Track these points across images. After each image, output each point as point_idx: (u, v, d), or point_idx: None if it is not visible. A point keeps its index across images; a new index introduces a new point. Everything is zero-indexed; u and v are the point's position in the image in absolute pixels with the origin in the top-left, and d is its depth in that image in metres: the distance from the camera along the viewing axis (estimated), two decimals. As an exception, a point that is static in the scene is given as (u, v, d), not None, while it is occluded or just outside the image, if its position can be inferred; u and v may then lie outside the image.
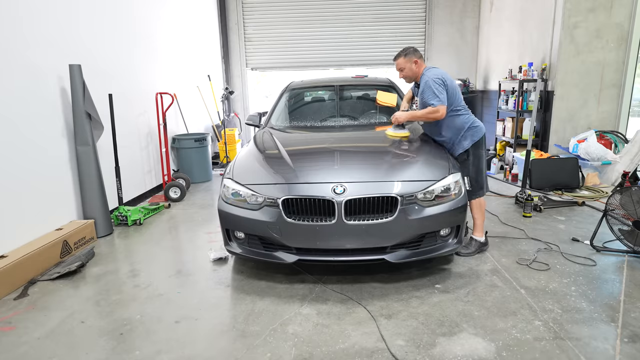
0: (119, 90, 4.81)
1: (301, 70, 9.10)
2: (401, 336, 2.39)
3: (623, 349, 2.24)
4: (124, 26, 5.01)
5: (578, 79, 5.78)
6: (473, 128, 3.40)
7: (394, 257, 2.87)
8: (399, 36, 8.79)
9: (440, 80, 3.30)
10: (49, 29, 3.76)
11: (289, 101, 4.76)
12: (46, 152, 3.70)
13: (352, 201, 2.79)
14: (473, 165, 3.40)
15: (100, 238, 4.08)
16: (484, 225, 3.53)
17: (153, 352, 2.32)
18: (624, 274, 3.08)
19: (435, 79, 3.29)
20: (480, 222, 3.50)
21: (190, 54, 7.15)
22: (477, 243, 3.48)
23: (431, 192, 2.91)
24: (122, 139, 4.80)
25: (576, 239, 3.71)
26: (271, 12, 8.83)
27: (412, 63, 3.44)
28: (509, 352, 2.23)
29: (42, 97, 3.68)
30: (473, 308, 2.67)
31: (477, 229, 3.51)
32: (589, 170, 5.37)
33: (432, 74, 3.33)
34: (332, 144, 3.51)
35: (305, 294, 2.90)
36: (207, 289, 3.03)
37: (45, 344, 2.41)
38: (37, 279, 3.20)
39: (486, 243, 3.54)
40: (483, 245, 3.51)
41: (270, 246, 2.97)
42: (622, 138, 5.69)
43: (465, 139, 3.38)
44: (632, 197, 3.26)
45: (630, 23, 5.56)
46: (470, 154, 3.40)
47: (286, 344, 2.35)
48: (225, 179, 3.19)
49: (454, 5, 8.53)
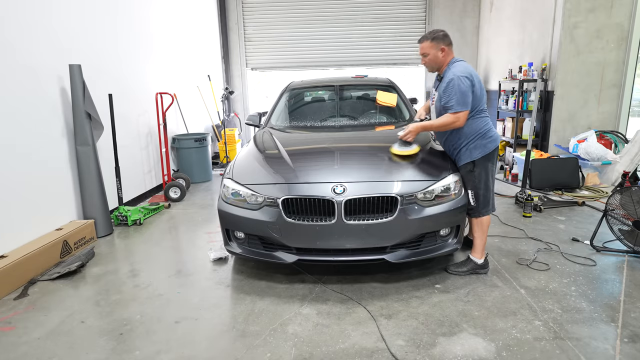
0: (119, 90, 4.81)
1: (301, 70, 9.10)
2: (401, 336, 2.39)
3: (623, 349, 2.24)
4: (124, 26, 5.01)
5: (578, 79, 5.78)
6: (488, 137, 2.97)
7: (393, 257, 2.87)
8: (399, 36, 8.79)
9: (469, 81, 2.86)
10: (49, 29, 3.76)
11: (289, 101, 4.76)
12: (46, 152, 3.70)
13: (352, 201, 2.79)
14: (479, 178, 3.01)
15: (100, 238, 4.08)
16: (484, 246, 3.14)
17: (153, 352, 2.32)
18: (624, 274, 3.08)
19: (463, 79, 2.84)
20: (481, 243, 3.11)
21: (190, 54, 7.15)
22: (472, 263, 3.13)
23: (431, 192, 2.91)
24: (122, 139, 4.80)
25: (576, 239, 3.71)
26: (271, 12, 8.84)
27: (439, 50, 2.99)
28: (509, 352, 2.23)
29: (42, 97, 3.67)
30: (473, 308, 2.67)
31: (476, 249, 3.13)
32: (589, 170, 5.37)
33: (460, 70, 2.88)
34: (332, 143, 3.51)
35: (305, 294, 2.90)
36: (207, 289, 3.03)
37: (45, 344, 2.41)
38: (37, 279, 3.20)
39: (485, 266, 3.14)
40: (480, 267, 3.12)
41: (270, 246, 2.97)
42: (622, 138, 5.69)
43: (476, 149, 2.97)
44: (632, 197, 3.26)
45: (630, 23, 5.56)
46: (478, 166, 2.99)
47: (286, 344, 2.35)
48: (225, 178, 3.19)
49: (454, 5, 8.53)
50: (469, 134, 2.98)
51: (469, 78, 2.87)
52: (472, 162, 3.00)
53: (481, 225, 3.09)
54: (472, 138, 2.98)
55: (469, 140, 2.99)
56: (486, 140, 2.97)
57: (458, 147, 3.06)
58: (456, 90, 2.84)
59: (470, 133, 2.98)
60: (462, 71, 2.88)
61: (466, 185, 3.05)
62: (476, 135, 2.97)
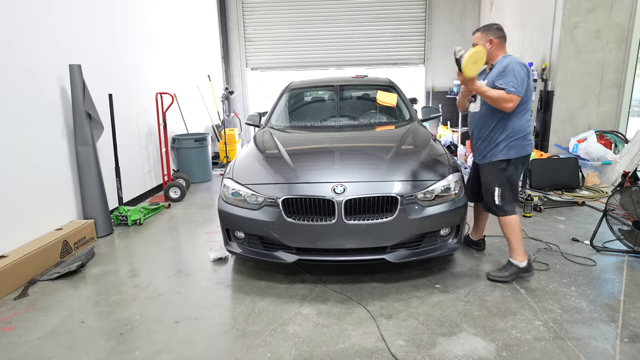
0: (119, 90, 4.81)
1: (301, 70, 9.10)
2: (401, 336, 2.39)
3: (623, 349, 2.24)
4: (124, 26, 5.01)
5: (578, 79, 5.78)
6: (527, 140, 2.92)
7: (394, 256, 2.87)
8: (399, 36, 8.79)
9: (526, 70, 2.77)
10: (49, 29, 3.76)
11: (289, 101, 4.76)
12: (46, 152, 3.70)
13: (352, 201, 2.79)
14: (509, 177, 2.94)
15: (100, 238, 4.08)
16: (523, 247, 2.97)
17: (153, 352, 2.32)
18: (624, 274, 3.08)
19: (522, 65, 2.77)
20: (517, 244, 2.94)
21: (190, 54, 7.15)
22: (514, 268, 2.95)
23: (431, 192, 2.91)
24: (122, 138, 4.80)
25: (576, 239, 3.71)
26: (271, 12, 8.84)
27: (487, 42, 2.90)
28: (509, 352, 2.23)
29: (42, 97, 3.67)
30: (473, 308, 2.67)
31: (515, 251, 2.96)
32: (589, 170, 5.37)
33: (517, 60, 2.82)
34: (332, 143, 3.51)
35: (305, 294, 2.90)
36: (207, 289, 3.03)
37: (45, 344, 2.41)
38: (37, 279, 3.20)
39: (528, 269, 2.96)
40: (523, 271, 2.95)
41: (270, 246, 2.98)
42: (622, 138, 5.69)
43: (515, 148, 2.89)
44: (632, 197, 3.26)
45: (630, 23, 5.56)
46: (511, 165, 2.92)
47: (286, 344, 2.35)
48: (225, 178, 3.19)
49: (454, 5, 8.54)
50: (511, 131, 2.88)
51: (526, 67, 2.79)
52: (507, 160, 2.92)
53: (510, 226, 2.95)
54: (513, 136, 2.89)
55: (511, 138, 2.89)
56: (525, 142, 2.92)
57: (495, 142, 2.93)
58: (516, 74, 2.74)
59: (513, 130, 2.88)
60: (519, 61, 2.82)
61: (493, 182, 2.95)
62: (518, 133, 2.89)
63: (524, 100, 2.83)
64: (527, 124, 2.93)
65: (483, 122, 3.00)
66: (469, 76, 2.74)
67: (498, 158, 2.93)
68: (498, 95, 2.75)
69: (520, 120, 2.89)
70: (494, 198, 2.96)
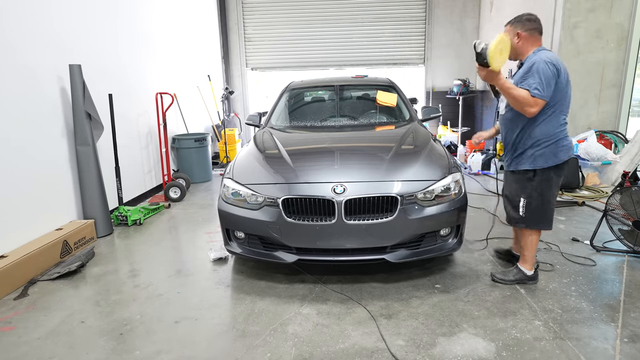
0: (119, 90, 4.81)
1: (301, 70, 9.11)
2: (401, 336, 2.39)
3: (623, 349, 2.24)
4: (124, 26, 5.01)
5: (578, 79, 5.78)
6: (561, 145, 2.60)
7: (394, 256, 2.87)
8: (399, 36, 8.79)
9: (554, 68, 2.48)
10: (49, 29, 3.76)
11: (289, 101, 4.76)
12: (46, 151, 3.70)
13: (352, 201, 2.79)
14: (537, 189, 2.68)
15: (100, 238, 4.08)
16: (534, 257, 2.87)
17: (153, 352, 2.32)
18: (623, 274, 3.08)
19: (549, 64, 2.47)
20: (530, 254, 2.84)
21: (190, 54, 7.16)
22: (520, 273, 2.89)
23: (431, 192, 2.91)
24: (122, 138, 4.80)
25: (576, 239, 3.71)
26: (271, 12, 8.84)
27: (515, 35, 2.65)
28: (509, 352, 2.23)
29: (42, 97, 3.67)
30: (473, 308, 2.67)
31: (525, 259, 2.88)
32: (589, 170, 5.37)
33: (546, 56, 2.52)
34: (332, 143, 3.51)
35: (305, 294, 2.90)
36: (207, 289, 3.03)
37: (45, 344, 2.41)
38: (37, 279, 3.20)
39: (534, 278, 2.89)
40: (529, 279, 2.88)
41: (270, 246, 2.98)
42: (622, 138, 5.69)
43: (543, 156, 2.61)
44: (632, 197, 3.26)
45: (630, 23, 5.56)
46: (539, 175, 2.66)
47: (286, 344, 2.35)
48: (225, 178, 3.19)
49: (454, 5, 8.54)
50: (539, 137, 2.59)
51: (555, 65, 2.49)
52: (532, 171, 2.67)
53: (531, 240, 2.80)
54: (542, 142, 2.60)
55: (538, 145, 2.61)
56: (559, 148, 2.60)
57: (522, 149, 2.69)
58: (541, 74, 2.45)
59: (541, 135, 2.59)
60: (549, 57, 2.52)
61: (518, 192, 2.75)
62: (548, 139, 2.59)
63: (552, 103, 2.54)
64: (560, 127, 2.61)
65: (508, 127, 2.76)
66: (497, 69, 2.46)
67: (523, 167, 2.70)
68: (521, 94, 2.48)
69: (548, 125, 2.58)
70: (518, 209, 2.75)
